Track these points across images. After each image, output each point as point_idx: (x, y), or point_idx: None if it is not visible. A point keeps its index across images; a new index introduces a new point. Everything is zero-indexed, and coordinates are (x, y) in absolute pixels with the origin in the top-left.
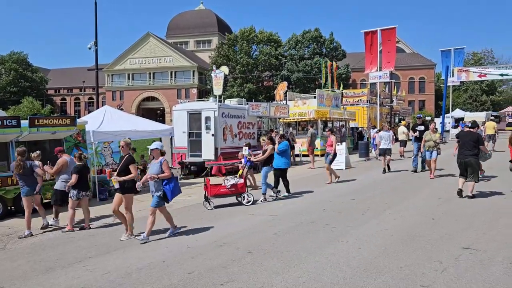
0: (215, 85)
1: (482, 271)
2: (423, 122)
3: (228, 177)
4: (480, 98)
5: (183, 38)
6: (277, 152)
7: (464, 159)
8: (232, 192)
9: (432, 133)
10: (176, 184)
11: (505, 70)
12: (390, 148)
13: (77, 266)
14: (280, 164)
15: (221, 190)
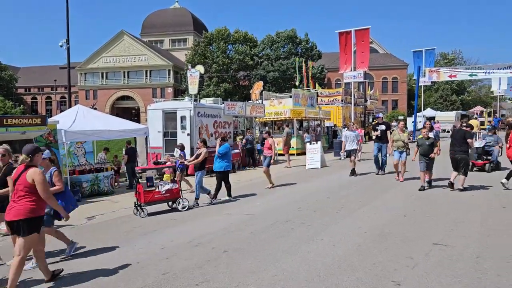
0: (190, 84)
1: (451, 266)
2: (384, 121)
3: (161, 181)
4: (450, 98)
5: (158, 37)
6: (218, 154)
7: (454, 155)
8: (167, 198)
9: (400, 132)
10: (70, 196)
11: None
12: (356, 149)
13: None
14: (220, 167)
15: (155, 196)
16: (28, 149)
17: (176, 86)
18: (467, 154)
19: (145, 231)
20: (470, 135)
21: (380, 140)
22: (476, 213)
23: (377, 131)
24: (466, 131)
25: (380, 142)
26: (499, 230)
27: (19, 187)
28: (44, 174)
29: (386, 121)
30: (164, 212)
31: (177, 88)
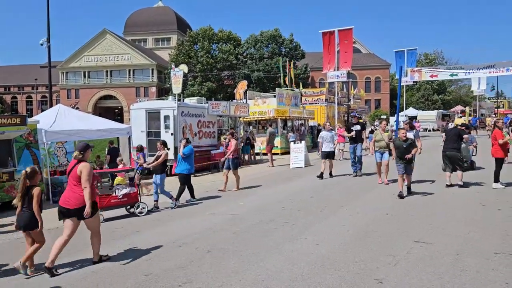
0: (174, 83)
1: (432, 263)
2: (358, 121)
3: (118, 185)
4: (431, 97)
5: (142, 36)
6: (182, 156)
7: (445, 151)
8: (124, 202)
9: (382, 132)
10: None
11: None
12: (333, 151)
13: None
14: (183, 169)
15: (112, 201)
16: (80, 147)
17: (159, 86)
18: (458, 151)
19: (127, 232)
20: (464, 132)
21: (355, 141)
22: (457, 211)
23: (352, 131)
24: (461, 129)
25: (355, 143)
26: (478, 227)
27: (71, 179)
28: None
29: (361, 121)
30: (148, 213)
31: (161, 87)
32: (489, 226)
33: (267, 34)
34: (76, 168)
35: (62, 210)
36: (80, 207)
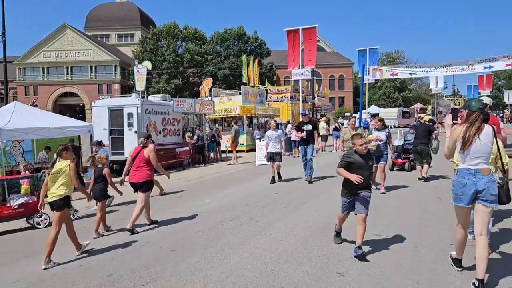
0: (137, 80)
1: (392, 255)
2: (310, 119)
3: (15, 195)
4: (393, 95)
5: (104, 31)
6: None
7: (416, 146)
8: (20, 214)
9: (351, 130)
10: None
11: (413, 69)
12: (279, 152)
13: None
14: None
15: (4, 212)
16: (144, 135)
17: (123, 83)
18: (427, 146)
19: (90, 232)
20: (434, 128)
21: (306, 142)
22: (415, 205)
23: (303, 131)
24: (430, 125)
25: (306, 144)
26: (435, 220)
27: (138, 161)
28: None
29: (312, 119)
30: (109, 212)
31: (124, 84)
32: (444, 218)
33: (232, 32)
34: (143, 152)
35: (132, 184)
36: (143, 181)
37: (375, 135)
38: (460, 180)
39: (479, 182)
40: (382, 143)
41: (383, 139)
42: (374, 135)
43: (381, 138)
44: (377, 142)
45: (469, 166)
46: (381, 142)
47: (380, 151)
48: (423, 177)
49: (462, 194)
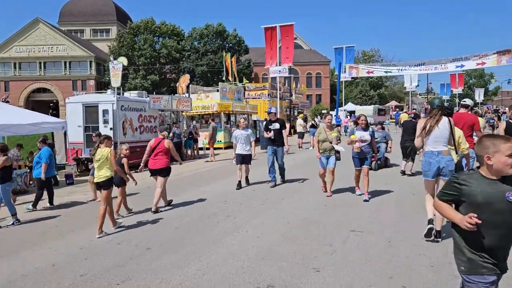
0: (113, 76)
1: (366, 250)
2: (277, 118)
3: None
4: (368, 93)
5: (78, 26)
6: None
7: (404, 143)
8: None
9: (327, 130)
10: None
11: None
12: (249, 155)
13: None
14: (39, 173)
15: None
16: (164, 129)
17: (98, 79)
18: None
19: (62, 231)
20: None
21: (274, 142)
22: (390, 201)
23: (270, 131)
24: (416, 122)
25: (274, 145)
26: (409, 216)
27: (158, 150)
28: None
29: (280, 117)
30: (82, 211)
31: (100, 80)
32: (417, 214)
33: (211, 28)
34: (163, 143)
35: (152, 171)
36: (163, 168)
37: (358, 136)
38: (427, 160)
39: (441, 161)
40: (366, 144)
41: (367, 139)
42: (357, 135)
43: (365, 139)
44: (360, 144)
45: (432, 149)
46: (365, 143)
47: (363, 153)
48: (404, 172)
49: (428, 170)
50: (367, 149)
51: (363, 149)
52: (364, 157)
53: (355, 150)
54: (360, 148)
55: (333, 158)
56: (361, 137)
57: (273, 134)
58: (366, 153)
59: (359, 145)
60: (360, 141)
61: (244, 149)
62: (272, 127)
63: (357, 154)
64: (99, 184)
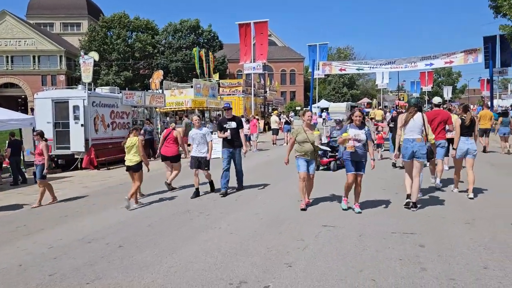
0: (84, 72)
1: (337, 245)
2: (234, 116)
3: None
4: (341, 90)
5: (47, 19)
6: None
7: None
8: None
9: (307, 128)
10: None
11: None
12: (205, 157)
13: None
14: None
15: None
16: (174, 121)
17: (69, 74)
18: None
19: (30, 230)
20: None
21: (231, 143)
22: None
23: (226, 131)
24: None
25: (231, 147)
26: (378, 210)
27: (169, 139)
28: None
29: (236, 115)
30: (52, 209)
31: (71, 75)
32: (387, 208)
33: (186, 24)
34: (172, 133)
35: (164, 157)
36: (174, 155)
37: (352, 134)
38: (405, 145)
39: (414, 146)
40: (361, 144)
41: (362, 139)
42: (350, 133)
43: (360, 138)
44: (354, 143)
45: (408, 137)
46: (360, 143)
47: (358, 155)
48: (395, 164)
49: (406, 153)
50: (362, 151)
51: (357, 150)
52: (359, 160)
53: (348, 149)
54: (354, 147)
55: (313, 163)
56: (355, 136)
57: (229, 134)
58: (361, 155)
59: (352, 144)
60: (354, 140)
61: (199, 151)
62: (228, 126)
63: (349, 156)
64: (130, 167)
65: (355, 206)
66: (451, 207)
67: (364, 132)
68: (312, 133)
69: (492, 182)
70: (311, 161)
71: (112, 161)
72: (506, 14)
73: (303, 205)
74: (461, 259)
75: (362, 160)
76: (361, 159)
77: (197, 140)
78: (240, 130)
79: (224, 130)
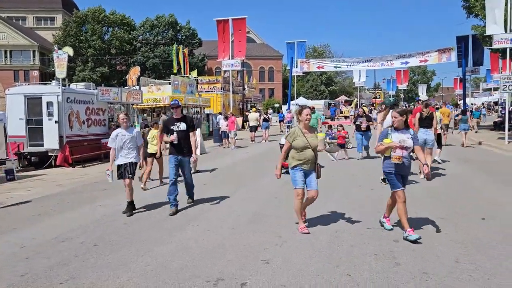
0: (58, 67)
1: (314, 241)
2: (184, 115)
3: None
4: (319, 88)
5: (20, 13)
6: None
7: None
8: None
9: (306, 131)
10: None
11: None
12: (135, 163)
13: None
14: None
15: None
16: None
17: (43, 69)
18: None
19: (1, 230)
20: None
21: (179, 150)
22: (337, 192)
23: (172, 133)
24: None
25: (179, 153)
26: (354, 206)
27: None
28: None
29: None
30: (25, 208)
31: (45, 71)
32: (364, 204)
33: (163, 20)
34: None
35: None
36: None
37: (396, 139)
38: (383, 133)
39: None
40: (407, 152)
41: (409, 145)
42: (393, 138)
43: (406, 145)
44: (402, 152)
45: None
46: (406, 151)
47: (405, 167)
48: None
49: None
50: (409, 161)
51: (405, 161)
52: (405, 174)
53: (393, 161)
54: (402, 158)
55: (313, 178)
56: (401, 142)
57: (176, 138)
58: (408, 167)
59: (401, 154)
60: (401, 148)
61: (127, 156)
62: (176, 127)
63: (394, 168)
64: (152, 154)
65: (408, 232)
66: (426, 201)
67: (410, 137)
68: (313, 136)
69: (464, 178)
70: (311, 172)
71: (87, 158)
72: (478, 15)
73: (305, 229)
74: (434, 254)
75: (407, 173)
76: (407, 171)
77: (125, 143)
78: (191, 134)
79: (170, 132)
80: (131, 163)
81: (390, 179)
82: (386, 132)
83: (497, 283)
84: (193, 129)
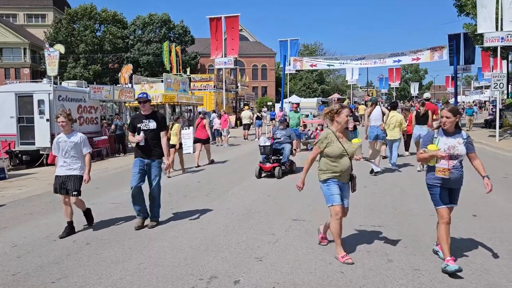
0: (49, 65)
1: (307, 238)
2: (155, 111)
3: None
4: (312, 86)
5: (10, 10)
6: None
7: None
8: None
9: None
10: None
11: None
12: (79, 177)
13: None
14: None
15: None
16: (205, 112)
17: (34, 67)
18: None
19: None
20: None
21: (146, 152)
22: None
23: (139, 132)
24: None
25: (145, 157)
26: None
27: (200, 126)
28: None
29: (157, 110)
30: (16, 207)
31: (36, 69)
32: (356, 202)
33: (156, 18)
34: (202, 121)
35: (197, 139)
36: (206, 138)
37: (444, 145)
38: (371, 130)
39: (377, 131)
40: (458, 161)
41: (461, 153)
42: (440, 145)
43: (457, 153)
44: (450, 163)
45: (373, 124)
46: (457, 160)
47: (454, 179)
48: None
49: (372, 135)
50: (459, 172)
51: (454, 172)
52: (455, 188)
53: (437, 174)
54: (450, 170)
55: (348, 190)
56: (449, 149)
57: (143, 138)
58: (458, 178)
59: (447, 166)
60: (449, 157)
61: (69, 167)
62: (144, 126)
63: (440, 181)
64: (173, 145)
65: (450, 262)
66: (418, 200)
67: (462, 142)
68: (348, 142)
69: None
70: (345, 186)
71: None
72: (469, 13)
73: (347, 258)
74: (426, 250)
75: (459, 186)
76: (458, 185)
77: (66, 151)
78: (162, 133)
79: (137, 131)
80: (75, 177)
81: (432, 193)
82: (431, 135)
83: (488, 279)
84: (165, 129)
